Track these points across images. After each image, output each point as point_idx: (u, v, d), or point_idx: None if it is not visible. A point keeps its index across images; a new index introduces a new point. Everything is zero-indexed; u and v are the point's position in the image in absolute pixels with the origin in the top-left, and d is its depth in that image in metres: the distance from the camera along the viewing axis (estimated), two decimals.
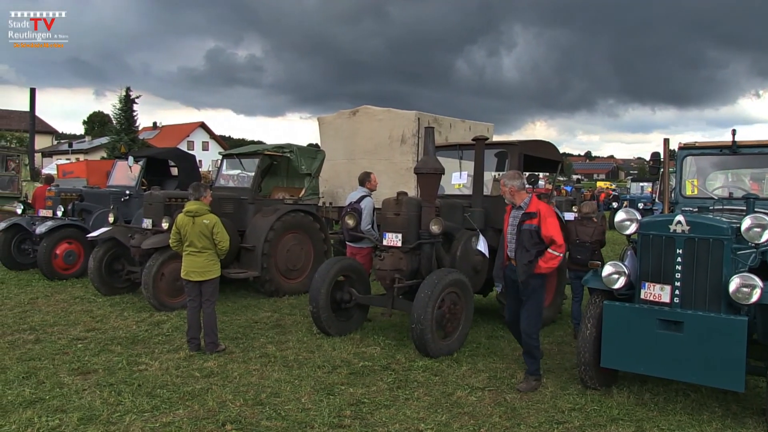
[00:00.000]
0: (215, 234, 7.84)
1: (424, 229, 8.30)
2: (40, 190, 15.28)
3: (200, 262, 7.84)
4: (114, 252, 11.45)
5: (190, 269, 7.88)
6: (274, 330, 9.12)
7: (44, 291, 11.77)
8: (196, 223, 7.84)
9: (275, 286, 11.50)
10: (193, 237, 7.83)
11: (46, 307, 10.41)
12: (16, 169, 19.67)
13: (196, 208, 7.94)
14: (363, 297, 8.89)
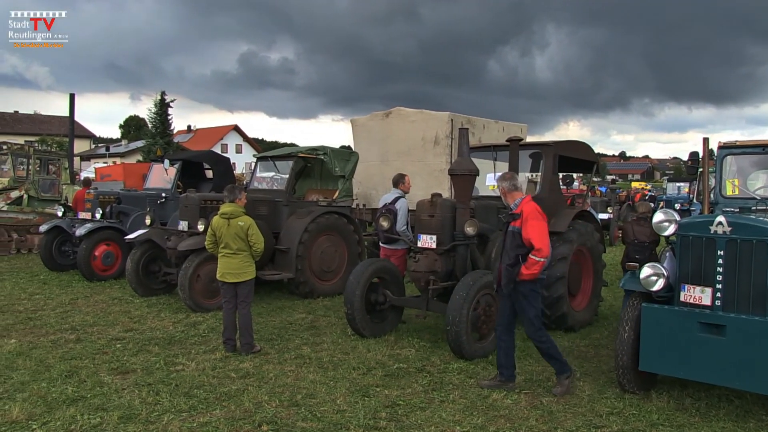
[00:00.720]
0: (250, 236, 7.89)
1: (458, 231, 8.26)
2: (80, 194, 15.54)
3: (235, 264, 7.90)
4: (151, 254, 11.60)
5: (225, 271, 7.93)
6: (308, 331, 9.15)
7: (84, 292, 11.97)
8: (232, 225, 7.90)
9: (309, 287, 11.54)
10: (228, 239, 7.89)
11: (86, 307, 10.59)
12: (57, 172, 20.03)
13: (232, 210, 8.00)
14: (397, 299, 8.87)
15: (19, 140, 42.99)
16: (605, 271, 10.53)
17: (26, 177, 19.09)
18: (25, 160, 19.64)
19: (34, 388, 6.47)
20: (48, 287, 12.48)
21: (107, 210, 14.08)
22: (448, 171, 8.81)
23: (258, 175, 13.88)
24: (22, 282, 13.03)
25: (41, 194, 18.96)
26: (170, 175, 14.93)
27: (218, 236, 7.99)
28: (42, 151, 21.29)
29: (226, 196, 8.25)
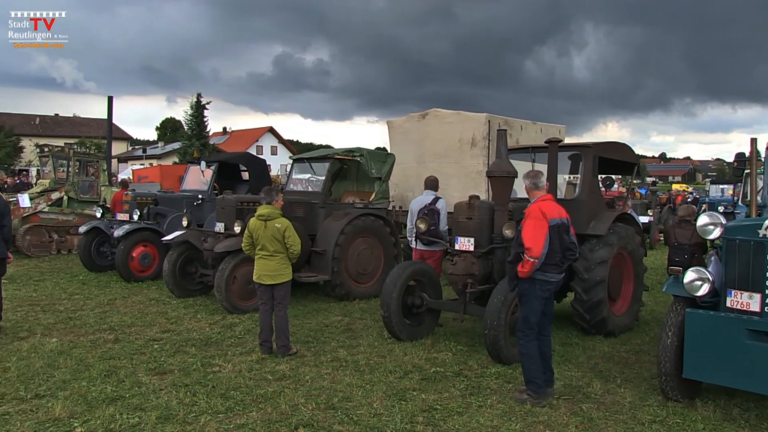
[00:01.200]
0: (287, 238, 7.94)
1: (496, 234, 8.21)
2: (118, 195, 15.81)
3: (272, 266, 7.95)
4: (187, 255, 11.74)
5: (262, 272, 7.99)
6: (344, 334, 9.17)
7: (122, 292, 12.16)
8: (268, 227, 7.95)
9: (346, 289, 11.58)
10: (265, 241, 7.94)
11: (124, 308, 10.76)
12: (95, 174, 20.38)
13: (268, 212, 8.06)
14: (434, 302, 8.85)
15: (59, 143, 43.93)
16: (646, 275, 10.38)
17: (66, 179, 19.48)
18: (65, 162, 20.03)
19: (74, 387, 6.60)
20: (87, 287, 12.71)
21: (144, 211, 14.32)
22: (486, 173, 8.77)
23: (294, 176, 13.95)
24: (63, 282, 13.30)
25: (80, 196, 19.31)
26: (207, 176, 15.10)
27: (255, 238, 8.05)
28: (81, 153, 21.67)
29: (263, 198, 8.33)
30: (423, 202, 10.34)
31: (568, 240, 6.56)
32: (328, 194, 12.68)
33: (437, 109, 14.76)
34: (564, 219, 6.55)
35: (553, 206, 6.53)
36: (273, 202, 8.20)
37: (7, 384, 6.69)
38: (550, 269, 6.45)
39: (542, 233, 6.31)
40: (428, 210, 9.81)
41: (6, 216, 9.08)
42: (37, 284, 13.00)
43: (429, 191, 10.47)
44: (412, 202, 10.84)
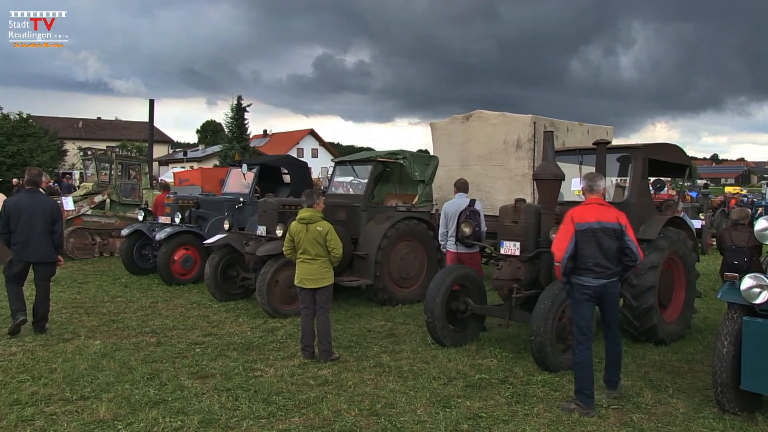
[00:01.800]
0: (328, 241, 7.98)
1: (543, 238, 8.15)
2: (160, 198, 16.09)
3: (314, 270, 7.99)
4: (229, 258, 11.89)
5: (303, 276, 8.04)
6: (387, 339, 9.19)
7: (163, 295, 12.37)
8: (310, 230, 8.00)
9: (388, 294, 11.60)
10: (306, 244, 8.00)
11: (166, 311, 10.94)
12: (137, 177, 20.76)
13: (310, 215, 8.10)
14: (479, 307, 8.82)
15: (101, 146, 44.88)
16: (698, 280, 10.18)
17: (109, 182, 19.86)
18: (108, 165, 20.43)
19: (118, 389, 6.73)
20: (129, 290, 12.97)
21: (186, 214, 14.54)
22: (533, 175, 8.72)
23: (336, 179, 14.04)
24: (105, 285, 13.59)
25: (122, 198, 19.67)
26: (248, 179, 15.27)
27: (296, 242, 8.10)
28: (123, 156, 22.11)
29: (304, 201, 8.35)
30: (459, 204, 10.30)
31: (615, 245, 6.47)
32: (371, 197, 12.73)
33: (481, 110, 14.71)
34: (605, 223, 6.46)
35: (589, 210, 6.54)
36: (314, 205, 8.25)
37: (53, 385, 6.87)
38: (584, 273, 6.46)
39: (566, 237, 6.42)
40: (470, 212, 9.77)
41: (58, 221, 9.30)
42: (81, 286, 13.31)
43: (461, 194, 10.50)
44: (445, 206, 10.83)
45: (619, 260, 6.50)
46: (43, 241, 9.13)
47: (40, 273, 9.33)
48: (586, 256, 6.42)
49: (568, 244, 6.39)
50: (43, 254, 9.17)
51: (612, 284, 6.54)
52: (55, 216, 9.23)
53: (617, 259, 6.50)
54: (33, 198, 9.22)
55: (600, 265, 6.42)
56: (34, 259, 9.19)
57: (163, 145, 78.48)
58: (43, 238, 9.13)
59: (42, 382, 6.97)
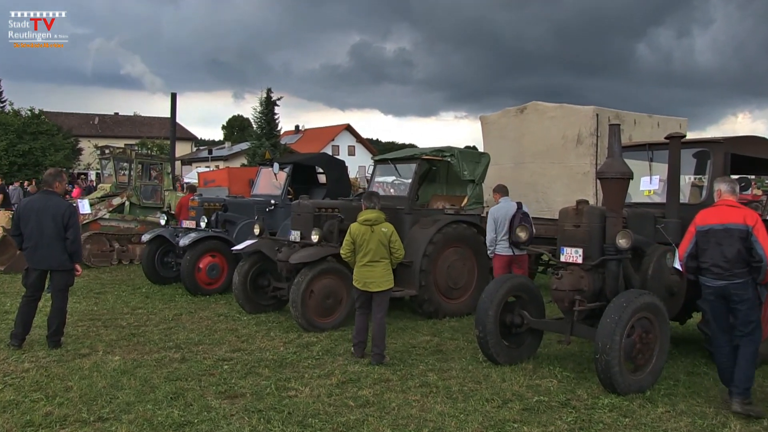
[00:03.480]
0: (392, 242, 8.74)
1: (609, 243, 8.06)
2: (184, 200, 16.29)
3: (378, 273, 8.72)
4: (259, 266, 11.99)
5: (367, 280, 8.72)
6: (434, 356, 9.19)
7: (188, 307, 12.54)
8: (376, 232, 8.69)
9: (435, 306, 11.60)
10: (372, 246, 8.65)
11: (191, 324, 11.08)
12: (159, 178, 21.06)
13: (375, 216, 8.79)
14: (537, 321, 8.76)
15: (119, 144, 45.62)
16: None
17: (128, 183, 20.17)
18: (127, 165, 20.75)
19: (139, 410, 6.82)
20: (151, 301, 13.17)
21: (212, 218, 14.69)
22: (597, 174, 8.63)
23: (377, 180, 14.06)
24: (125, 295, 13.82)
25: (143, 201, 19.98)
26: (280, 180, 15.39)
27: (359, 244, 8.74)
28: (144, 155, 22.49)
29: (366, 203, 8.99)
30: (507, 209, 10.90)
31: (739, 246, 6.97)
32: (415, 199, 12.75)
33: (537, 102, 14.65)
34: (728, 224, 7.06)
35: (715, 212, 7.25)
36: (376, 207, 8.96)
37: (69, 405, 6.98)
38: (705, 273, 7.24)
39: (687, 238, 7.39)
40: (522, 215, 10.06)
41: (72, 227, 9.34)
42: (98, 297, 13.55)
43: (506, 198, 11.25)
44: (492, 210, 11.40)
45: (746, 262, 6.98)
46: (55, 247, 9.25)
47: (54, 282, 9.51)
48: (705, 257, 7.19)
49: (688, 245, 7.34)
50: (55, 261, 9.31)
51: (735, 286, 7.01)
52: (67, 220, 9.29)
53: (743, 260, 6.98)
54: (45, 200, 9.36)
55: (718, 266, 7.08)
56: (45, 266, 9.36)
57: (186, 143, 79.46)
58: (55, 243, 9.24)
59: (57, 401, 7.08)
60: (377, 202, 9.07)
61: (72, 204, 9.82)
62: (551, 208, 13.45)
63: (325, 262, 10.70)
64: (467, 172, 12.88)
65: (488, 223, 11.49)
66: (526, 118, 14.61)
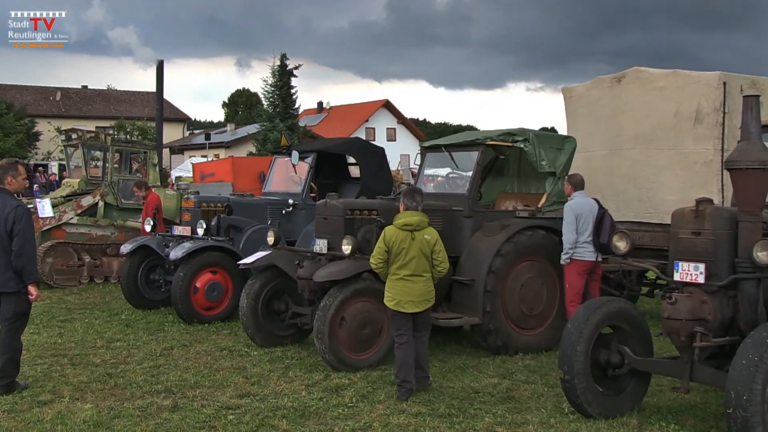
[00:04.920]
0: (436, 253, 8.81)
1: (742, 257, 7.91)
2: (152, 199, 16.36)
3: (418, 289, 8.80)
4: (274, 286, 12.02)
5: (404, 298, 8.79)
6: (504, 405, 9.14)
7: (180, 338, 12.62)
8: (417, 239, 8.75)
9: (503, 338, 11.52)
10: (410, 257, 8.71)
11: (185, 361, 11.12)
12: (142, 170, 21.16)
13: (418, 220, 8.86)
14: (642, 360, 8.62)
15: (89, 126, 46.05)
16: None
17: (102, 177, 20.23)
18: (100, 154, 20.83)
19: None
20: (132, 331, 13.25)
21: (213, 223, 14.68)
22: (725, 163, 8.48)
23: (426, 172, 14.01)
24: (98, 323, 13.93)
25: (122, 201, 19.99)
26: (300, 173, 15.39)
27: (395, 253, 8.82)
28: (122, 141, 22.61)
29: (406, 202, 9.04)
30: (591, 206, 11.10)
31: None
32: (477, 198, 12.68)
33: (640, 67, 14.47)
34: None
35: None
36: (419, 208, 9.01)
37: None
38: None
39: None
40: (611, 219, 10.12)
41: (20, 234, 9.11)
42: (63, 326, 13.67)
43: (581, 192, 11.38)
44: (573, 206, 11.45)
45: None
46: None
47: (2, 309, 9.34)
48: None
49: None
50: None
51: None
52: (11, 225, 9.08)
53: None
54: None
55: None
56: None
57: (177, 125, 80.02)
58: None
59: None
60: (420, 201, 9.09)
61: (23, 204, 9.59)
62: (658, 209, 13.30)
63: (361, 281, 10.62)
64: (546, 162, 12.74)
65: (567, 220, 11.50)
66: (625, 90, 14.45)
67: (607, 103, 14.81)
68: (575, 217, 11.37)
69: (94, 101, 78.82)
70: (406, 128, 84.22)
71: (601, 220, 11.42)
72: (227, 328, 13.43)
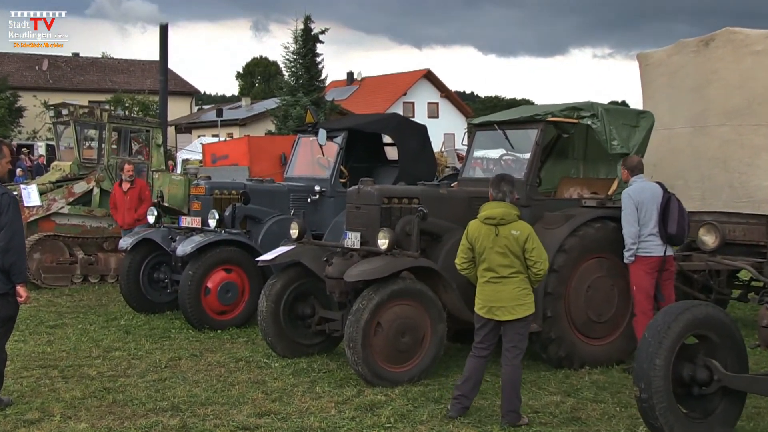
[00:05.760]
0: (528, 251, 8.70)
1: None
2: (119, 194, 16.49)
3: (509, 293, 8.74)
4: (298, 287, 12.06)
5: (492, 303, 8.78)
6: (568, 427, 9.17)
7: (189, 347, 12.70)
8: (501, 235, 8.71)
9: (567, 349, 11.51)
10: (494, 255, 8.70)
11: (194, 373, 11.18)
12: (144, 152, 21.18)
13: (502, 212, 8.77)
14: (735, 376, 8.54)
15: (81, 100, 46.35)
16: None
17: (97, 160, 20.29)
18: (95, 133, 20.89)
19: None
20: (133, 339, 13.35)
21: (227, 213, 14.75)
22: None
23: (475, 154, 13.96)
24: (93, 330, 14.04)
25: None
26: (328, 155, 15.40)
27: (479, 251, 8.82)
28: (121, 117, 22.66)
29: (493, 191, 8.98)
30: (653, 191, 11.07)
31: None
32: (536, 184, 12.66)
33: (732, 28, 14.35)
34: None
35: None
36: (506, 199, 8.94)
37: None
38: None
39: None
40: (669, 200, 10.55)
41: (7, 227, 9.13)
42: (53, 333, 13.79)
43: (641, 176, 11.32)
44: (631, 192, 11.28)
45: None
46: None
47: None
48: None
49: None
50: None
51: None
52: None
53: None
54: None
55: None
56: None
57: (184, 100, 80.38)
58: None
59: None
60: (507, 191, 8.99)
61: (9, 192, 9.56)
62: (753, 197, 13.20)
63: (400, 281, 10.66)
64: (617, 142, 12.67)
65: (626, 211, 11.38)
66: (713, 56, 14.34)
67: (691, 72, 14.70)
68: (636, 206, 11.22)
69: (87, 71, 79.04)
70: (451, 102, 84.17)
71: (667, 207, 11.27)
72: (243, 335, 13.50)
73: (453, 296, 10.88)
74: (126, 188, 17.47)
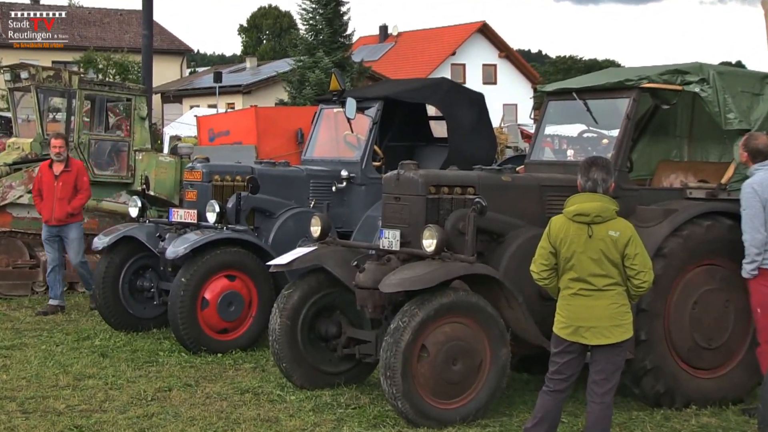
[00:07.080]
0: (630, 257, 8.35)
1: None
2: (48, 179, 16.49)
3: (603, 309, 8.40)
4: (321, 298, 12.04)
5: (581, 323, 8.46)
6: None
7: (182, 375, 12.74)
8: (596, 236, 8.38)
9: (667, 383, 11.42)
10: (586, 261, 8.39)
11: (188, 408, 11.17)
12: (123, 125, 21.27)
13: (599, 207, 8.46)
14: None
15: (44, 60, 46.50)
16: None
17: (66, 136, 20.36)
18: (63, 101, 21.01)
19: None
20: (111, 363, 13.39)
21: (229, 205, 14.75)
22: None
23: (546, 131, 13.91)
24: (60, 351, 14.11)
25: (95, 172, 20.09)
26: (358, 131, 15.41)
27: (564, 255, 8.51)
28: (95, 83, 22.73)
29: (582, 180, 8.73)
30: None
31: None
32: (627, 169, 12.58)
33: None
34: None
35: None
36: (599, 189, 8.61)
37: None
38: None
39: None
40: None
41: None
42: (10, 355, 13.88)
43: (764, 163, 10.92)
44: (754, 186, 10.99)
45: None
46: None
47: None
48: None
49: None
50: None
51: None
52: None
53: None
54: None
55: None
56: None
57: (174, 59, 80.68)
58: None
59: None
60: (601, 179, 8.57)
61: None
62: None
63: (450, 292, 10.60)
64: (734, 115, 12.57)
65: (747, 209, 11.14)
66: None
67: None
68: (763, 205, 10.85)
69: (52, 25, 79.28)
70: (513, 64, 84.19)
71: None
72: (251, 359, 13.52)
73: (519, 312, 10.75)
74: (58, 171, 17.29)
